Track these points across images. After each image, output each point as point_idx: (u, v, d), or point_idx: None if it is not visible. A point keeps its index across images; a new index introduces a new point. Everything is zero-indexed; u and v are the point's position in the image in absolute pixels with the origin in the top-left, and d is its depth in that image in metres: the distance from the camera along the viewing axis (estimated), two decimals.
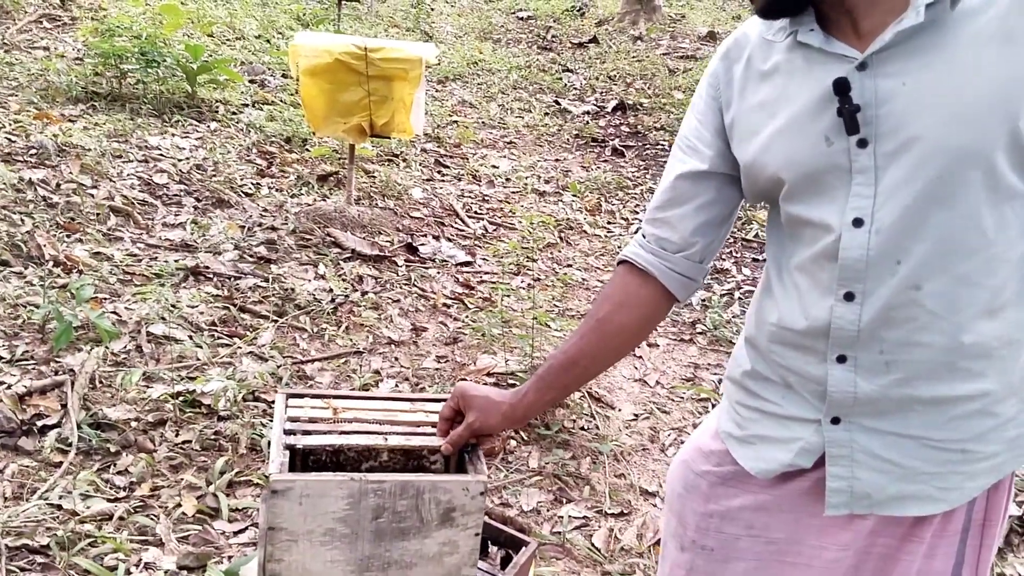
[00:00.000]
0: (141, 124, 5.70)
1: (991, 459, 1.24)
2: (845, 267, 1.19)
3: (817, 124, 1.19)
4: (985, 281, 1.17)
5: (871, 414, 1.24)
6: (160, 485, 2.73)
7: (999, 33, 1.10)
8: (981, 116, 1.10)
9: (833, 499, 1.27)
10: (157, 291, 3.75)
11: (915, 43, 1.13)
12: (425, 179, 6.09)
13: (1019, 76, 1.09)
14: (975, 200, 1.13)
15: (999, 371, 1.21)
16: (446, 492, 1.50)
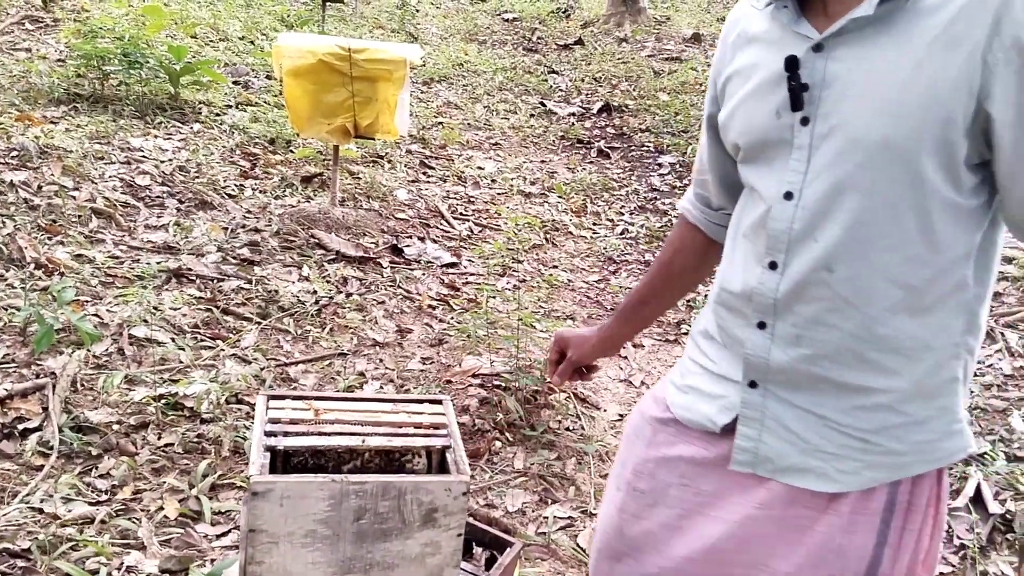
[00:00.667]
0: (123, 126, 5.67)
1: (896, 456, 1.27)
2: (771, 236, 1.26)
3: (773, 97, 1.25)
4: (904, 278, 1.20)
5: (784, 385, 1.30)
6: (142, 488, 2.72)
7: (944, 37, 1.12)
8: (910, 114, 1.13)
9: (739, 456, 1.34)
10: (139, 293, 3.73)
11: (866, 33, 1.17)
12: (410, 180, 6.08)
13: (953, 81, 1.11)
14: (895, 196, 1.17)
15: (912, 372, 1.24)
16: (428, 493, 1.49)
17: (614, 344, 1.70)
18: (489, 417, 3.31)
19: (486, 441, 3.21)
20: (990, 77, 1.10)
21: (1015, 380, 3.92)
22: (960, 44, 1.11)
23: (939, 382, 1.27)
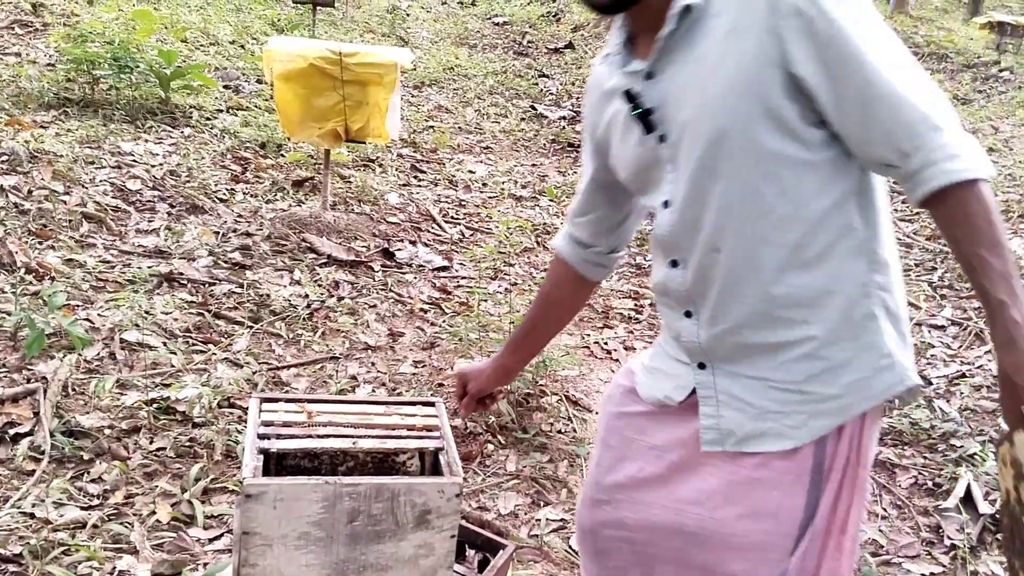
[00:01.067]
0: (114, 130, 5.66)
1: (833, 400, 1.38)
2: (660, 241, 1.46)
3: (634, 130, 1.43)
4: (781, 239, 1.34)
5: (724, 360, 1.45)
6: (134, 492, 2.71)
7: (733, 29, 1.29)
8: (728, 101, 1.29)
9: (706, 435, 1.47)
10: (131, 298, 3.72)
11: (678, 47, 1.35)
12: (401, 184, 6.08)
13: (755, 60, 1.27)
14: (744, 170, 1.32)
15: (822, 319, 1.37)
16: (421, 494, 1.50)
17: (507, 372, 1.86)
18: (481, 420, 3.32)
19: (478, 444, 3.21)
20: (783, 45, 1.26)
21: None
22: (749, 29, 1.27)
23: (854, 323, 1.37)
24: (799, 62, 1.26)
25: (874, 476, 3.24)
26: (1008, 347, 1.22)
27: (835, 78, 1.26)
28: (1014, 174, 6.91)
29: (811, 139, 1.31)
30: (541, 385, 3.54)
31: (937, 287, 5.03)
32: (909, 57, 1.29)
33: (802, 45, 1.25)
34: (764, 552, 1.45)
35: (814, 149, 1.31)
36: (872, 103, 1.25)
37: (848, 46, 1.24)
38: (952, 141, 1.25)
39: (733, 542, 1.46)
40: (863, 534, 2.86)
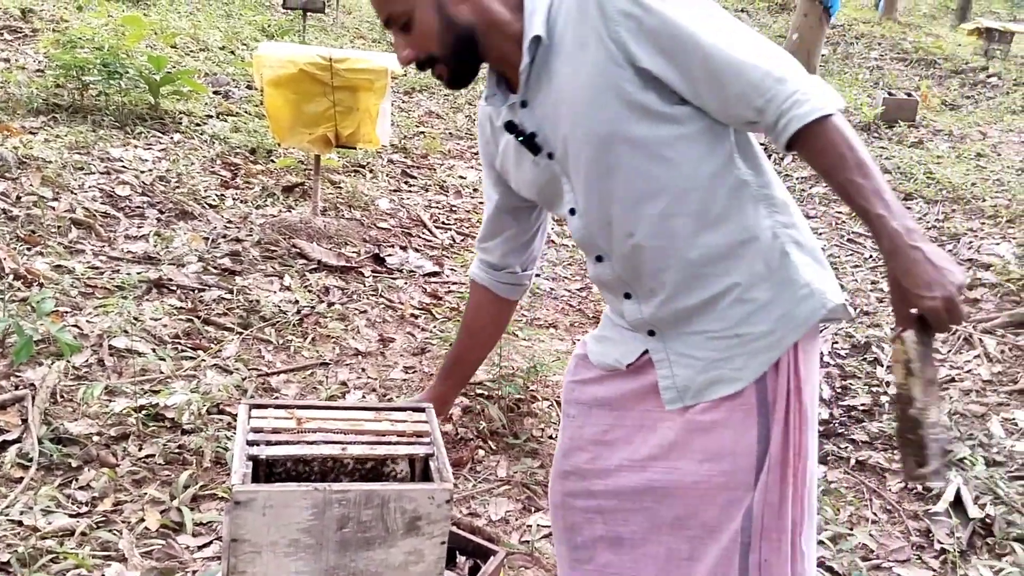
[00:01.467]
0: (103, 136, 5.64)
1: (766, 337, 1.52)
2: (580, 243, 1.61)
3: (525, 156, 1.58)
4: (685, 209, 1.48)
5: (669, 324, 1.57)
6: (123, 500, 2.70)
7: (576, 45, 1.43)
8: (592, 106, 1.43)
9: (666, 395, 1.60)
10: (119, 304, 3.71)
11: (540, 75, 1.49)
12: (392, 190, 6.08)
13: (601, 66, 1.41)
14: (630, 161, 1.45)
15: (740, 267, 1.51)
16: (411, 501, 1.49)
17: (442, 402, 1.94)
18: (472, 426, 3.31)
19: (469, 450, 3.21)
20: (624, 46, 1.39)
21: (993, 385, 3.96)
22: (590, 41, 1.41)
23: (769, 263, 1.52)
24: (642, 58, 1.40)
25: (864, 481, 3.25)
26: (893, 255, 1.33)
27: (678, 63, 1.39)
28: (1002, 179, 6.94)
29: (680, 115, 1.45)
30: (532, 391, 3.54)
31: None
32: (741, 27, 1.43)
33: (640, 43, 1.39)
34: (730, 491, 1.56)
35: (686, 123, 1.45)
36: (717, 74, 1.38)
37: (680, 32, 1.38)
38: (797, 88, 1.36)
39: (700, 488, 1.58)
40: (853, 538, 2.87)
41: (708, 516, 1.59)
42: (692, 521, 1.61)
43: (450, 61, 1.51)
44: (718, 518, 1.58)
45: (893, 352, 1.40)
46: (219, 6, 10.92)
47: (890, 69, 11.88)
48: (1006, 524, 2.92)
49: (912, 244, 1.32)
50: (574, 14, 1.43)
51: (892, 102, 8.57)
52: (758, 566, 1.55)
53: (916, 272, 1.31)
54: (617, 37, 1.40)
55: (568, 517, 1.78)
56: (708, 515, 1.59)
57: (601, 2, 1.40)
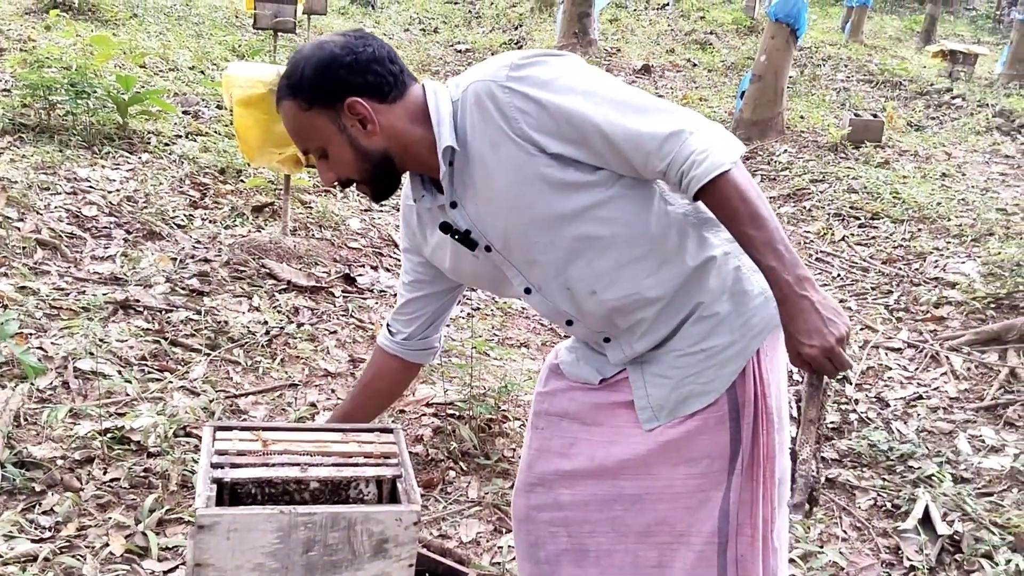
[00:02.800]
0: (70, 156, 5.59)
1: (730, 348, 1.61)
2: (545, 316, 1.69)
3: (463, 251, 1.63)
4: (637, 255, 1.56)
5: (646, 353, 1.66)
6: (87, 524, 2.65)
7: (488, 146, 1.50)
8: (521, 196, 1.51)
9: (643, 415, 1.66)
10: (85, 325, 3.66)
11: (462, 178, 1.56)
12: (363, 209, 6.06)
13: (516, 160, 1.49)
14: (572, 231, 1.53)
15: (701, 288, 1.60)
16: (378, 523, 1.48)
17: None
18: (443, 446, 3.29)
19: (440, 471, 3.19)
20: (530, 137, 1.48)
21: (960, 403, 4.00)
22: (500, 140, 1.49)
23: (724, 278, 1.62)
24: (550, 145, 1.48)
25: (833, 498, 3.26)
26: (783, 303, 1.45)
27: (580, 142, 1.48)
28: (967, 199, 7.04)
29: (603, 179, 1.52)
30: (504, 410, 3.53)
31: (893, 310, 5.10)
32: (629, 92, 1.51)
33: (543, 133, 1.48)
34: (703, 492, 1.64)
35: (609, 185, 1.53)
36: (618, 147, 1.47)
37: (573, 117, 1.47)
38: (694, 147, 1.45)
39: (673, 491, 1.66)
40: (824, 556, 2.87)
41: (678, 521, 1.66)
42: (662, 528, 1.67)
43: (370, 183, 1.60)
44: (688, 522, 1.65)
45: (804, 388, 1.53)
46: (189, 26, 10.90)
47: (856, 90, 12.04)
48: (974, 540, 2.94)
49: (800, 293, 1.43)
50: (477, 118, 1.50)
51: (859, 123, 8.68)
52: (735, 561, 1.63)
53: (800, 320, 1.43)
54: (521, 131, 1.48)
55: (532, 532, 1.82)
56: (678, 520, 1.66)
57: (498, 104, 1.48)
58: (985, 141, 9.38)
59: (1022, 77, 13.45)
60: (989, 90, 12.46)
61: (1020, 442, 3.63)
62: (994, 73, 14.19)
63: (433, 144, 1.54)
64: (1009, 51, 14.04)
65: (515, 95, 1.48)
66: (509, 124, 1.48)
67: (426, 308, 1.87)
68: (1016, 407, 3.91)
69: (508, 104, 1.48)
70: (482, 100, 1.49)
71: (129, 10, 10.89)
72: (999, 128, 9.98)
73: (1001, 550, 2.89)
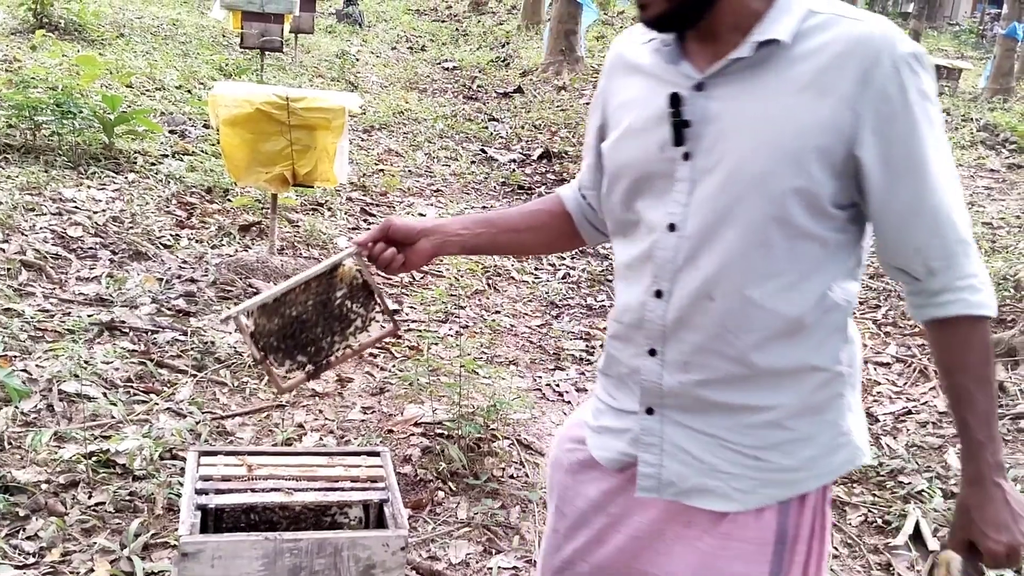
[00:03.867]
0: (56, 176, 5.56)
1: (788, 472, 1.34)
2: (657, 266, 1.32)
3: (656, 131, 1.31)
4: (777, 308, 1.28)
5: (679, 408, 1.36)
6: (72, 550, 2.62)
7: (814, 84, 1.21)
8: (778, 155, 1.22)
9: (644, 483, 1.39)
10: (70, 347, 3.63)
11: (746, 75, 1.25)
12: (351, 228, 6.05)
13: (821, 126, 1.21)
14: (766, 230, 1.24)
15: (795, 391, 1.32)
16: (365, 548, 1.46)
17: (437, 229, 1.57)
18: (432, 466, 3.27)
19: (429, 492, 3.17)
20: (859, 125, 1.20)
21: (949, 417, 4.00)
22: (830, 92, 1.21)
23: (824, 398, 1.35)
24: (867, 148, 1.21)
25: None
26: (975, 483, 1.29)
27: (894, 177, 1.22)
28: None
29: (831, 219, 1.27)
30: (492, 429, 3.51)
31: (881, 324, 5.10)
32: (954, 169, 1.27)
33: (877, 132, 1.21)
34: None
35: (829, 229, 1.28)
36: (919, 214, 1.24)
37: (918, 151, 1.22)
38: (976, 271, 1.26)
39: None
40: None
41: None
42: None
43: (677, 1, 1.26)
44: None
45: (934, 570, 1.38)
46: (176, 46, 10.90)
47: None
48: None
49: (995, 481, 1.28)
50: (835, 52, 1.22)
51: None
52: None
53: (990, 510, 1.28)
54: (860, 112, 1.21)
55: None
56: None
57: (875, 62, 1.20)
58: (970, 155, 9.44)
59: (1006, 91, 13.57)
60: (973, 104, 12.55)
61: (1009, 456, 3.63)
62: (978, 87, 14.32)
63: (751, 15, 1.25)
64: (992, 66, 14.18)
65: (898, 78, 1.20)
66: (861, 94, 1.20)
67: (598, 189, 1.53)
68: (1004, 421, 3.91)
69: (885, 78, 1.20)
70: (861, 46, 1.20)
71: (116, 30, 10.89)
72: (983, 142, 10.05)
73: None
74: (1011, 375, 4.29)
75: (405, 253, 1.55)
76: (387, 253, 1.53)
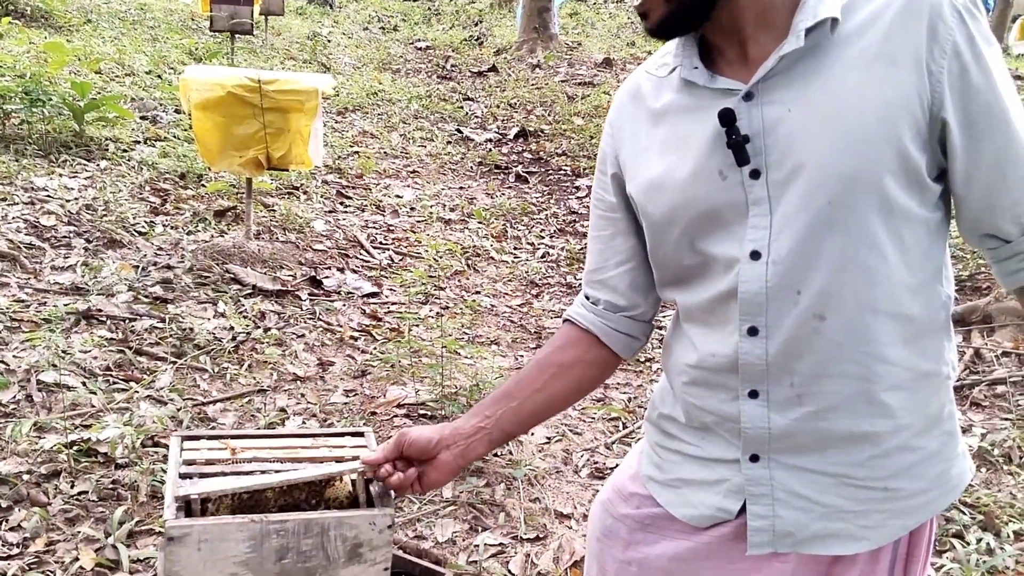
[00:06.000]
0: (26, 165, 5.49)
1: (918, 496, 1.21)
2: (745, 301, 1.16)
3: (710, 160, 1.17)
4: (893, 309, 1.14)
5: (789, 450, 1.20)
6: (56, 539, 2.60)
7: (881, 55, 1.10)
8: (866, 140, 1.09)
9: (755, 538, 1.23)
10: (47, 337, 3.60)
11: (799, 68, 1.12)
12: (327, 211, 6.02)
13: (902, 97, 1.09)
14: (871, 225, 1.11)
15: (916, 403, 1.18)
16: (352, 528, 1.46)
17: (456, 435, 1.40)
18: None
19: None
20: (937, 86, 1.09)
21: None
22: (901, 58, 1.09)
23: (939, 407, 1.22)
24: (949, 106, 1.10)
25: None
26: None
27: (977, 133, 1.11)
28: None
29: (930, 195, 1.14)
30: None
31: None
32: None
33: (955, 89, 1.09)
34: None
35: (929, 207, 1.15)
36: (1007, 168, 1.12)
37: (997, 101, 1.11)
38: None
39: None
40: None
41: None
42: None
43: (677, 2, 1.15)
44: None
45: None
46: (144, 30, 10.76)
47: None
48: (945, 521, 2.97)
49: None
50: (892, 15, 1.10)
51: None
52: None
53: None
54: (935, 69, 1.09)
55: None
56: None
57: (941, 19, 1.09)
58: None
59: None
60: None
61: (986, 422, 3.68)
62: None
63: (793, 6, 1.13)
64: None
65: (964, 28, 1.09)
66: (931, 50, 1.09)
67: (622, 263, 1.36)
68: (981, 387, 3.96)
69: (950, 31, 1.09)
70: (918, 2, 1.09)
71: (83, 16, 10.73)
72: None
73: (972, 529, 2.93)
74: (987, 342, 4.33)
75: (425, 470, 1.39)
76: (402, 479, 1.39)
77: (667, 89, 1.24)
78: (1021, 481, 3.21)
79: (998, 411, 3.78)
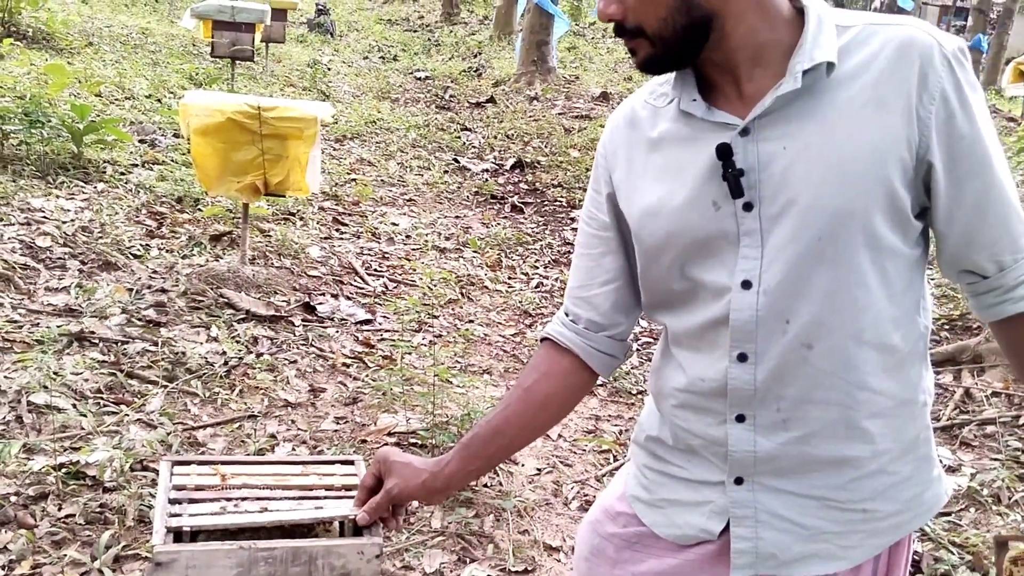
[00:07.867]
0: (24, 186, 5.51)
1: (893, 517, 1.27)
2: (736, 328, 1.21)
3: (705, 190, 1.21)
4: (876, 340, 1.19)
5: (773, 473, 1.25)
6: (42, 562, 2.59)
7: (873, 99, 1.15)
8: (855, 178, 1.14)
9: (739, 560, 1.26)
10: (39, 358, 3.59)
11: (794, 108, 1.17)
12: (323, 237, 6.03)
13: (892, 140, 1.14)
14: (858, 260, 1.16)
15: (895, 429, 1.24)
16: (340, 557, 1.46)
17: (447, 485, 1.43)
18: None
19: None
20: (925, 130, 1.15)
21: None
22: (891, 103, 1.15)
23: (916, 433, 1.28)
24: (935, 150, 1.15)
25: None
26: None
27: (960, 176, 1.17)
28: None
29: (912, 232, 1.21)
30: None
31: None
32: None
33: (941, 134, 1.15)
34: None
35: (911, 243, 1.21)
36: (987, 208, 1.18)
37: (979, 145, 1.17)
38: None
39: None
40: None
41: None
42: None
43: (661, 45, 1.19)
44: None
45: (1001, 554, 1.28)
46: (145, 54, 10.83)
47: None
48: (934, 560, 2.97)
49: None
50: (884, 60, 1.16)
51: None
52: None
53: None
54: (924, 114, 1.15)
55: None
56: None
57: (930, 67, 1.14)
58: None
59: None
60: None
61: (976, 462, 3.68)
62: None
63: (781, 48, 1.18)
64: None
65: (952, 76, 1.15)
66: (920, 96, 1.14)
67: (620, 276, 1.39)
68: (971, 427, 3.96)
69: (939, 78, 1.14)
70: (910, 49, 1.15)
71: (84, 39, 10.80)
72: None
73: (960, 569, 2.92)
74: (976, 381, 4.35)
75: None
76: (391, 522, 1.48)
77: (664, 118, 1.28)
78: (1010, 522, 3.21)
79: (987, 451, 3.78)
